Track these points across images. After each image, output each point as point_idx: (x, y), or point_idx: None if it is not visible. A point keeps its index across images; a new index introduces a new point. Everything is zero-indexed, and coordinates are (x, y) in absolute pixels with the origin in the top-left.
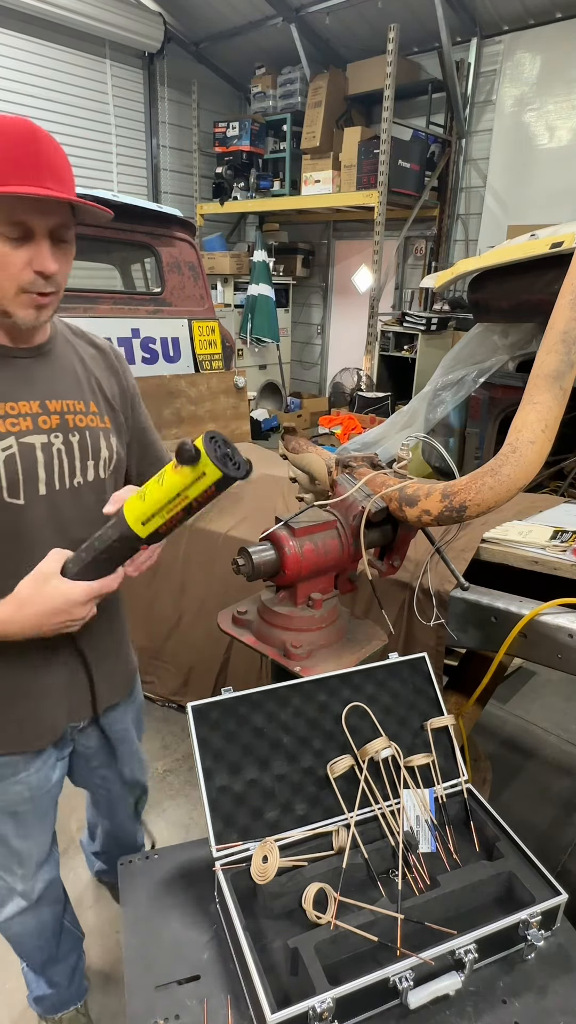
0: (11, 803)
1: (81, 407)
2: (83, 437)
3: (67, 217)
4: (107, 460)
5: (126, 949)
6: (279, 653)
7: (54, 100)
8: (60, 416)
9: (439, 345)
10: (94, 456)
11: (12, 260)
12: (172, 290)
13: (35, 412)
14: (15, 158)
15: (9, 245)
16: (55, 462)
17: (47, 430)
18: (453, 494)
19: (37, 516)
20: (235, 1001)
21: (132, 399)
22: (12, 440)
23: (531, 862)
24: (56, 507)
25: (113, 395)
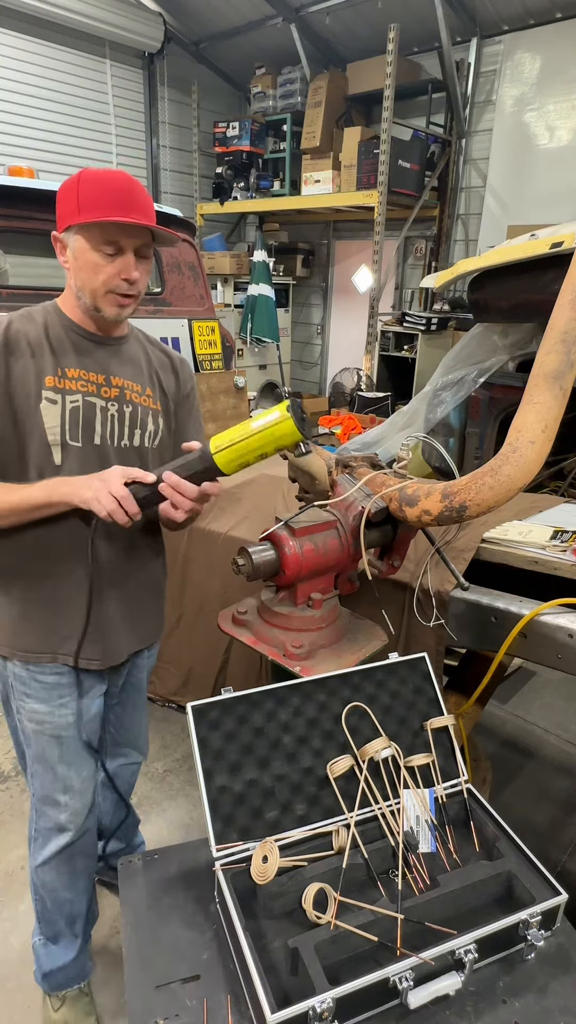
0: (58, 727)
1: (138, 388)
2: (135, 410)
3: (148, 239)
4: (152, 433)
5: (126, 949)
6: (279, 653)
7: (54, 100)
8: (120, 390)
9: (439, 345)
10: (141, 427)
11: (106, 269)
12: (172, 290)
13: (100, 382)
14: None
15: (105, 259)
16: (109, 422)
17: (107, 398)
18: (453, 494)
19: (91, 461)
20: (235, 1001)
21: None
22: (79, 397)
23: (531, 862)
24: (105, 458)
25: (170, 390)
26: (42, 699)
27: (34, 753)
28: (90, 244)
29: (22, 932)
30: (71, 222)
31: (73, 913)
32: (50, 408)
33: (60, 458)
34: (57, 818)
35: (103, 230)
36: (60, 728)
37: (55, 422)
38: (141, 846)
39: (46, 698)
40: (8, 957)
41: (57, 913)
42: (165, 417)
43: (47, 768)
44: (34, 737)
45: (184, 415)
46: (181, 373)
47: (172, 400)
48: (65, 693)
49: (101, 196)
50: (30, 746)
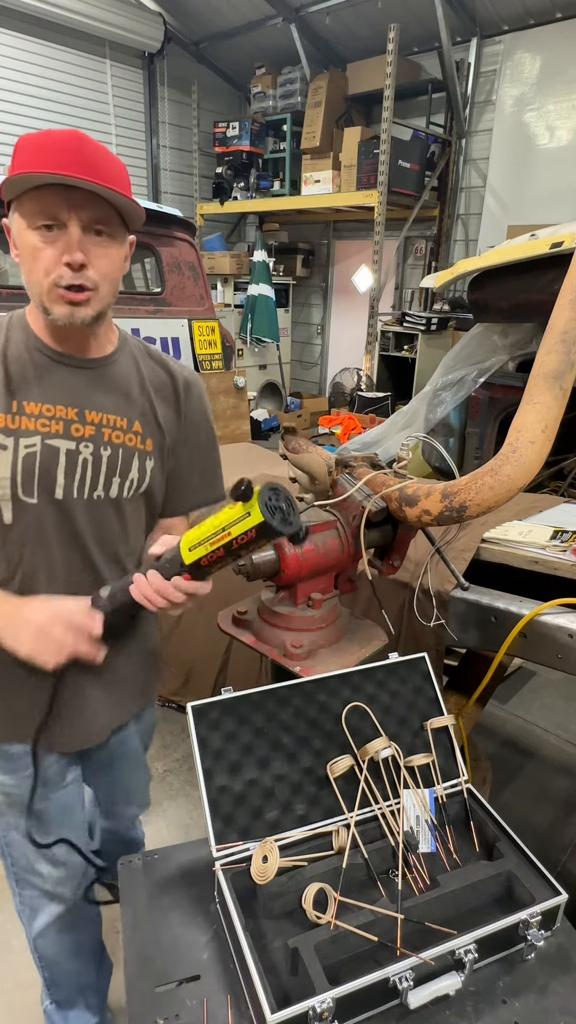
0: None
1: (122, 424)
2: (115, 454)
3: (105, 212)
4: (135, 482)
5: (126, 949)
6: (279, 653)
7: (54, 100)
8: (96, 428)
9: (439, 345)
10: (121, 475)
11: (45, 254)
12: (172, 290)
13: (70, 418)
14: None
15: (43, 239)
16: (77, 471)
17: (78, 438)
18: (453, 494)
19: (48, 519)
20: (235, 1001)
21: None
22: (37, 440)
23: (531, 862)
24: (69, 514)
25: (166, 422)
26: (7, 770)
27: (7, 822)
28: (26, 221)
29: (22, 932)
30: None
31: (82, 984)
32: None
33: (11, 516)
34: (43, 887)
35: (36, 199)
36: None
37: (4, 473)
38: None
39: (11, 769)
40: (8, 957)
41: (64, 982)
42: (158, 458)
43: (22, 842)
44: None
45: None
46: (185, 399)
47: (170, 436)
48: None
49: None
50: (2, 814)
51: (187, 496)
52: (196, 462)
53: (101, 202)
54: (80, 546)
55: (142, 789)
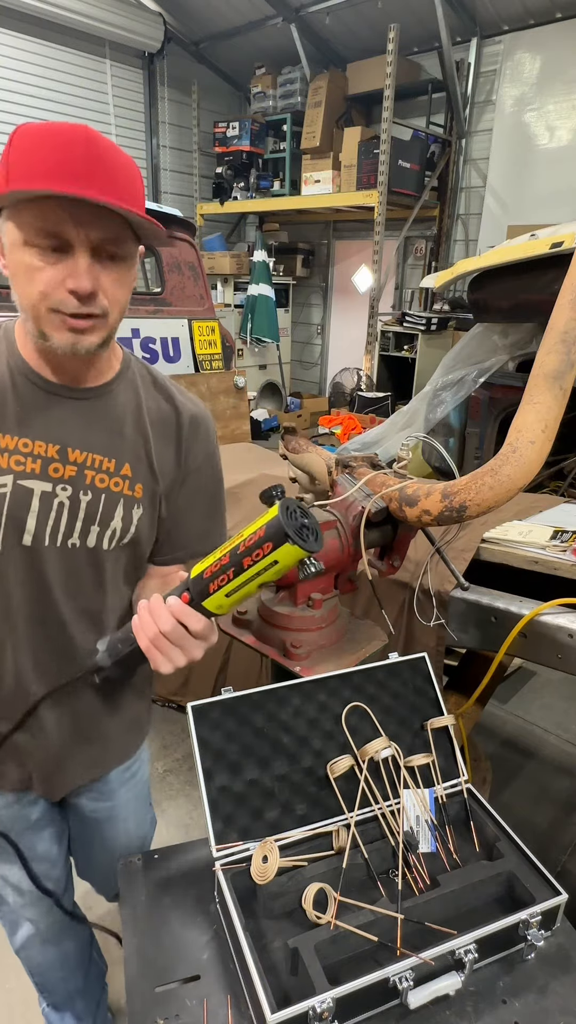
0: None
1: (109, 466)
2: (96, 499)
3: (117, 231)
4: (116, 531)
5: (126, 949)
6: (279, 653)
7: (54, 100)
8: (78, 468)
9: (439, 345)
10: (102, 523)
11: (43, 275)
12: (172, 290)
13: (49, 456)
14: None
15: (42, 258)
16: (51, 516)
17: (56, 479)
18: (453, 494)
19: (15, 568)
20: (235, 1001)
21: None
22: (9, 479)
23: (531, 862)
24: (38, 565)
25: (162, 464)
26: None
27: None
28: (22, 236)
29: None
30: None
31: (70, 991)
32: None
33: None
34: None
35: (37, 212)
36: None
37: None
38: None
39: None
40: (7, 957)
41: (55, 987)
42: (148, 506)
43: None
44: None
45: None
46: (190, 437)
47: (165, 480)
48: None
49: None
50: None
51: (185, 543)
52: (196, 506)
53: (114, 217)
54: (47, 598)
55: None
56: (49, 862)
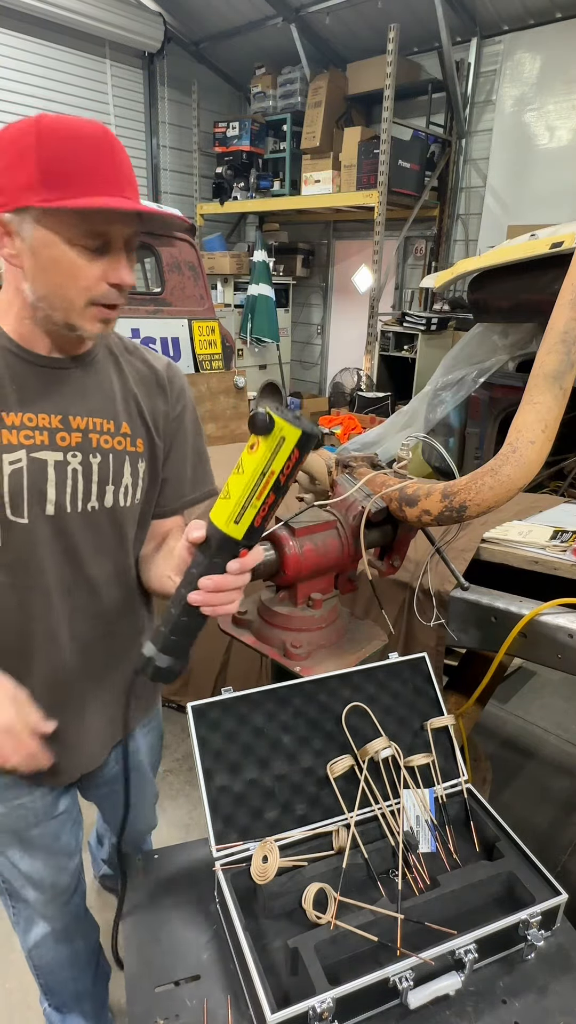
0: (17, 827)
1: (110, 427)
2: (105, 460)
3: (138, 228)
4: (129, 487)
5: (126, 949)
6: (279, 653)
7: (54, 100)
8: (83, 434)
9: (439, 345)
10: (114, 481)
11: (87, 272)
12: (172, 290)
13: (54, 427)
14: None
15: (86, 257)
16: (68, 483)
17: (64, 448)
18: (453, 494)
19: (42, 538)
20: (235, 1001)
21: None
22: (23, 454)
23: (531, 862)
24: (64, 531)
25: (155, 418)
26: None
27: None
28: (62, 237)
29: None
30: (28, 200)
31: (78, 991)
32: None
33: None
34: (34, 907)
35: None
36: (20, 829)
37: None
38: None
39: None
40: (8, 957)
41: (60, 989)
42: (149, 459)
43: (9, 865)
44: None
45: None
46: (170, 390)
47: (159, 432)
48: (23, 794)
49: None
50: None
51: (183, 492)
52: (188, 456)
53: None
54: (76, 564)
55: (148, 809)
56: (68, 855)
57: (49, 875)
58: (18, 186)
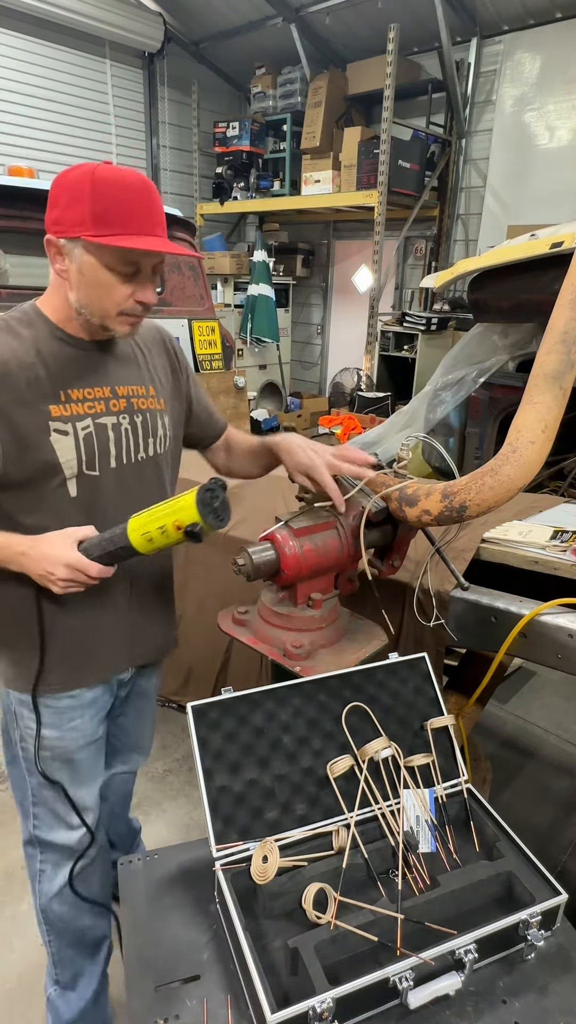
0: (68, 750)
1: (143, 391)
2: (144, 418)
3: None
4: (162, 438)
5: (126, 949)
6: (279, 653)
7: (54, 100)
8: (127, 400)
9: (439, 345)
10: (153, 434)
11: (120, 291)
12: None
13: (107, 396)
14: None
15: (120, 279)
16: (123, 440)
17: (116, 412)
18: (453, 494)
19: (109, 486)
20: (235, 1001)
21: (187, 372)
22: (90, 421)
23: (531, 862)
24: (124, 478)
25: (167, 375)
26: (54, 724)
27: (40, 780)
28: (102, 262)
29: (22, 932)
30: (79, 233)
31: (97, 939)
32: (62, 440)
33: (76, 490)
34: (69, 841)
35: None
36: (71, 751)
37: (71, 455)
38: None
39: (57, 723)
40: (8, 957)
41: (77, 947)
42: (171, 413)
43: (57, 794)
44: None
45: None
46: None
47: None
48: (75, 716)
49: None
50: (34, 773)
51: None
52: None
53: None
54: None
55: (148, 733)
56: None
57: (90, 797)
58: (73, 221)
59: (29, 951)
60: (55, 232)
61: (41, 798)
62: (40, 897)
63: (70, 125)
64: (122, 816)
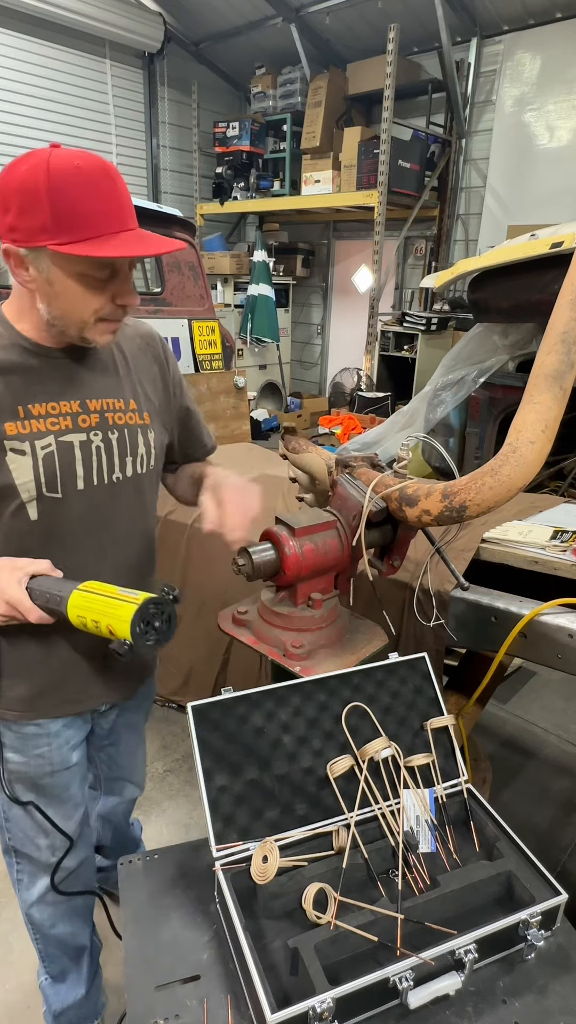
0: (33, 776)
1: (120, 405)
2: (121, 435)
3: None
4: (144, 456)
5: (126, 949)
6: (279, 653)
7: (54, 100)
8: (100, 415)
9: (439, 345)
10: (132, 452)
11: (97, 298)
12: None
13: (75, 411)
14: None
15: (95, 286)
16: (93, 459)
17: (86, 428)
18: (453, 494)
19: (75, 509)
20: (235, 1001)
21: (176, 385)
22: (51, 439)
23: (531, 862)
24: (95, 501)
25: (156, 387)
26: (18, 749)
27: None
28: (74, 271)
29: (22, 932)
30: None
31: (78, 947)
32: (18, 460)
33: (36, 514)
34: (39, 859)
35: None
36: (37, 776)
37: (27, 476)
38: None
39: (22, 748)
40: (7, 958)
41: (59, 950)
42: (156, 428)
43: (26, 814)
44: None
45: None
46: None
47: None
48: (41, 744)
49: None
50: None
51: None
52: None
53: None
54: (107, 529)
55: (140, 767)
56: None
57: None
58: (32, 228)
59: (29, 951)
60: (13, 240)
61: (11, 815)
62: (21, 903)
63: (70, 125)
64: (124, 832)
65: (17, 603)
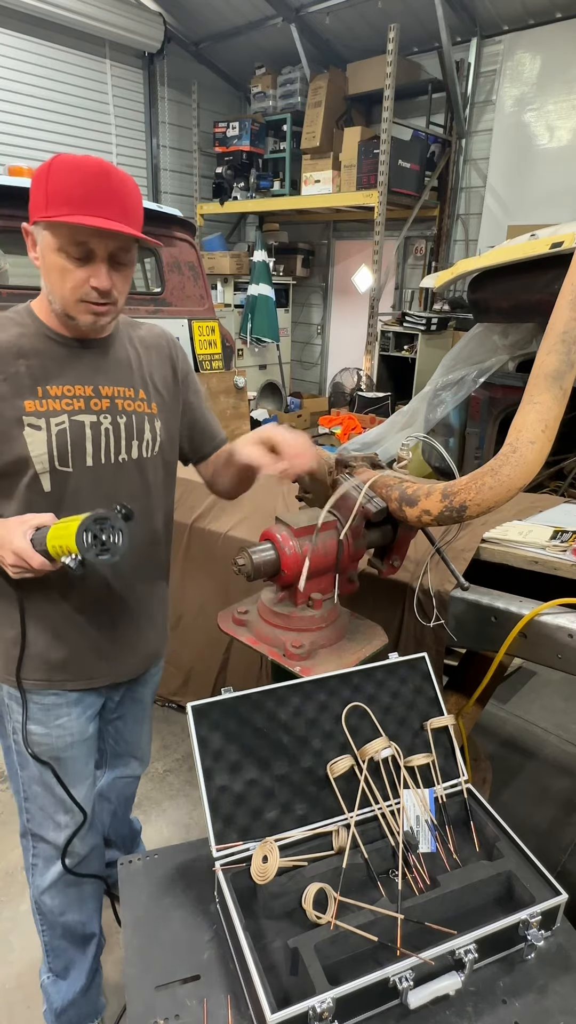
0: (55, 747)
1: (130, 393)
2: (129, 420)
3: (126, 243)
4: (150, 442)
5: (126, 949)
6: (279, 653)
7: (54, 100)
8: (111, 400)
9: (439, 345)
10: (138, 437)
11: (75, 275)
12: (172, 290)
13: (88, 395)
14: (89, 193)
15: (73, 263)
16: (102, 439)
17: (97, 411)
18: (453, 494)
19: (83, 484)
20: (235, 1001)
21: (186, 381)
22: (65, 417)
23: (531, 862)
24: (101, 478)
25: (166, 383)
26: (40, 721)
27: (30, 774)
28: (56, 243)
29: (22, 932)
30: (38, 216)
31: (86, 934)
32: (34, 435)
33: (50, 485)
34: (57, 840)
35: (72, 230)
36: (58, 749)
37: (42, 449)
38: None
39: (43, 720)
40: (8, 957)
41: (67, 939)
42: (163, 418)
43: (46, 789)
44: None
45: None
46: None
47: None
48: (62, 713)
49: (70, 188)
50: (26, 767)
51: (212, 432)
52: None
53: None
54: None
55: (146, 742)
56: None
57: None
58: (36, 207)
59: (29, 951)
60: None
61: (31, 793)
62: (33, 889)
63: (70, 125)
64: (124, 818)
65: (21, 551)
